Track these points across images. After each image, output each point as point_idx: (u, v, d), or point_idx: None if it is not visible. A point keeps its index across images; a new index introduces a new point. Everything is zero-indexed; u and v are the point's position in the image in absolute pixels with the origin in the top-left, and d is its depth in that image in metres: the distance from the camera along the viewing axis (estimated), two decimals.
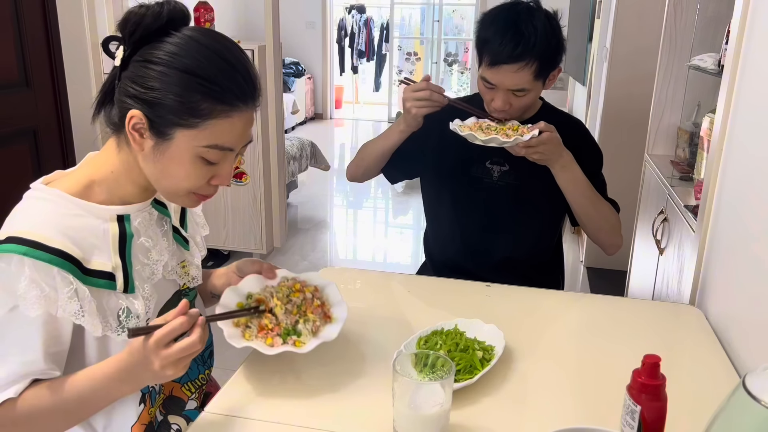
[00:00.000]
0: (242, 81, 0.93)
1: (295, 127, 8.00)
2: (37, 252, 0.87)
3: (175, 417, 1.11)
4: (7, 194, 1.42)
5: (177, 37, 0.92)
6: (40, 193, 0.95)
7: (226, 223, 3.65)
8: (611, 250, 1.57)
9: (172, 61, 0.90)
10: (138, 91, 0.91)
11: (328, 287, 1.16)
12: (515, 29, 1.37)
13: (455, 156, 1.57)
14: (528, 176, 1.53)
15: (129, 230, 0.99)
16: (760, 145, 1.23)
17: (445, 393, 0.87)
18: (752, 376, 0.62)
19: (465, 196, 1.59)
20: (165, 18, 0.92)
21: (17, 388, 0.89)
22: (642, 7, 3.05)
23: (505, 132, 1.40)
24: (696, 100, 2.30)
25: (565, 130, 1.53)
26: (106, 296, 0.95)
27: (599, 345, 1.23)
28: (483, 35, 1.42)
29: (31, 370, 0.90)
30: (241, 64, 0.94)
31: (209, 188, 0.99)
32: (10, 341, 0.89)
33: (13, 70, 2.75)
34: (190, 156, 0.93)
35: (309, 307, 1.09)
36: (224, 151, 0.94)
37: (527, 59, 1.37)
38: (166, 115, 0.90)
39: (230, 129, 0.93)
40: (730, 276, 1.33)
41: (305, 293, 1.11)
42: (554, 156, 1.41)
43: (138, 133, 0.92)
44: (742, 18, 1.40)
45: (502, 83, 1.40)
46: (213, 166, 0.95)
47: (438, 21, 8.88)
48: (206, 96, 0.90)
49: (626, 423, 0.83)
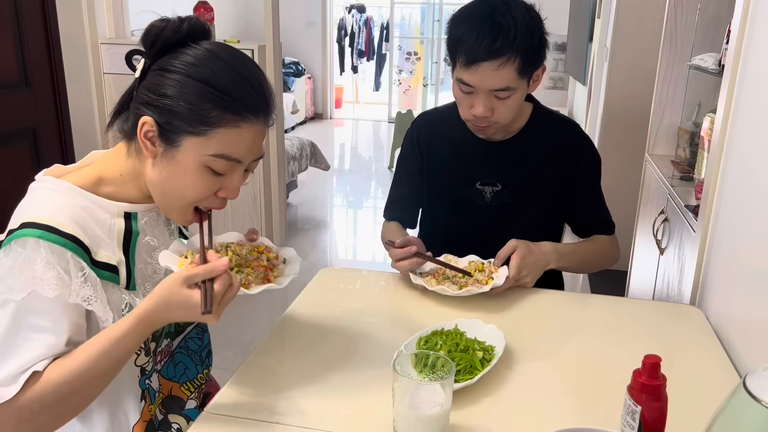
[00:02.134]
0: (254, 93, 0.94)
1: (295, 127, 8.00)
2: (52, 235, 0.88)
3: (175, 416, 1.11)
4: (6, 194, 1.42)
5: (195, 49, 0.94)
6: (49, 184, 0.96)
7: (226, 223, 3.65)
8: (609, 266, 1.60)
9: (188, 70, 0.92)
10: (151, 98, 0.93)
11: (293, 263, 1.11)
12: (492, 21, 1.25)
13: (442, 179, 1.53)
14: (523, 192, 1.48)
15: (135, 228, 1.01)
16: (761, 145, 1.23)
17: (445, 393, 0.87)
18: (752, 376, 0.62)
19: (456, 220, 1.54)
20: (185, 31, 0.94)
21: (45, 363, 0.88)
22: (642, 7, 3.04)
23: (474, 277, 1.33)
24: (696, 100, 2.30)
25: (562, 134, 1.51)
26: (110, 289, 0.96)
27: (599, 345, 1.22)
28: (455, 33, 1.30)
29: (55, 352, 0.89)
30: (254, 78, 0.96)
31: (216, 200, 0.99)
32: (30, 326, 0.88)
33: (12, 70, 2.75)
34: (197, 164, 0.93)
35: (252, 264, 1.06)
36: (232, 162, 0.95)
37: (508, 54, 1.25)
38: (175, 121, 0.92)
39: (239, 140, 0.94)
40: (730, 276, 1.33)
41: (261, 254, 1.09)
42: (540, 264, 1.37)
43: (149, 141, 0.94)
44: (742, 18, 1.40)
45: (482, 84, 1.28)
46: (220, 178, 0.96)
47: (438, 21, 8.88)
48: (216, 105, 0.91)
49: (627, 423, 0.83)
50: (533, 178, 1.49)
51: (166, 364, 1.11)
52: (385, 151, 7.23)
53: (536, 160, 1.48)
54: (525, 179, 1.48)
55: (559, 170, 1.48)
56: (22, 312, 0.87)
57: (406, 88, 9.41)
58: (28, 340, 0.87)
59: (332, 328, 1.25)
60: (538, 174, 1.49)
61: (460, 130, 1.49)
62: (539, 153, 1.48)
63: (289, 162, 4.43)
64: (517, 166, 1.48)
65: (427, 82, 9.26)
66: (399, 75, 9.35)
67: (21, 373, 0.86)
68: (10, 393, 0.86)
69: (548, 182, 1.49)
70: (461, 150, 1.51)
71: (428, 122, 1.60)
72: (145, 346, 1.01)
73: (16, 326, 0.87)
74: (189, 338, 1.17)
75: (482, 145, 1.48)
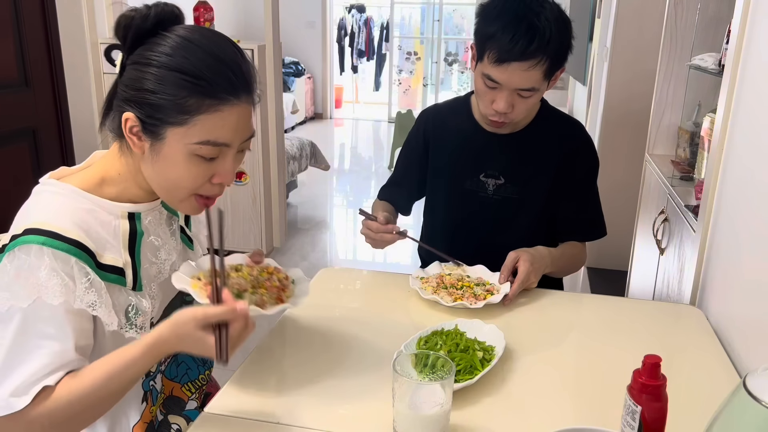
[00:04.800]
0: (230, 74, 0.91)
1: (294, 127, 8.00)
2: (56, 242, 0.87)
3: (175, 417, 1.11)
4: (6, 193, 1.42)
5: (167, 37, 0.92)
6: (52, 188, 0.95)
7: (226, 223, 3.65)
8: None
9: (161, 60, 0.90)
10: (130, 94, 0.91)
11: (302, 283, 1.12)
12: (528, 23, 1.25)
13: (448, 170, 1.54)
14: (526, 187, 1.49)
15: (139, 228, 1.00)
16: (761, 145, 1.23)
17: (445, 393, 0.87)
18: (753, 376, 0.62)
19: (459, 211, 1.54)
20: (153, 19, 0.91)
21: (56, 377, 0.88)
22: (642, 6, 3.04)
23: (472, 290, 1.32)
24: (696, 99, 2.30)
25: (566, 131, 1.53)
26: (116, 291, 0.95)
27: (599, 345, 1.22)
28: (488, 29, 1.29)
29: (63, 360, 0.89)
30: (230, 58, 0.92)
31: (213, 188, 0.97)
32: (38, 333, 0.88)
33: (12, 70, 2.75)
34: (184, 155, 0.92)
35: (264, 285, 1.06)
36: (219, 146, 0.92)
37: (540, 56, 1.26)
38: (155, 114, 0.90)
39: (221, 123, 0.91)
40: (730, 276, 1.33)
41: (272, 275, 1.09)
42: (543, 268, 1.39)
43: (136, 136, 0.92)
44: (742, 18, 1.40)
45: (509, 82, 1.29)
46: (212, 164, 0.94)
47: (438, 20, 8.88)
48: (193, 92, 0.89)
49: (627, 423, 0.83)
50: (535, 174, 1.49)
51: (169, 364, 1.11)
52: (385, 151, 7.23)
53: (539, 156, 1.49)
54: (527, 174, 1.49)
55: (559, 167, 1.49)
56: (29, 319, 0.87)
57: (406, 88, 9.41)
58: (36, 347, 0.87)
59: (332, 329, 1.25)
60: (540, 170, 1.49)
61: (467, 122, 1.52)
62: (543, 149, 1.49)
63: (289, 162, 4.43)
64: (521, 160, 1.49)
65: (427, 82, 9.25)
66: (399, 75, 9.35)
67: (32, 384, 0.86)
68: (20, 404, 0.86)
69: (549, 179, 1.50)
70: (467, 141, 1.52)
71: (436, 113, 1.62)
72: None
73: (24, 334, 0.87)
74: None
75: (488, 137, 1.49)
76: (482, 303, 1.28)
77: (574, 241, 1.57)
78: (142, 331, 0.98)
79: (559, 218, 1.54)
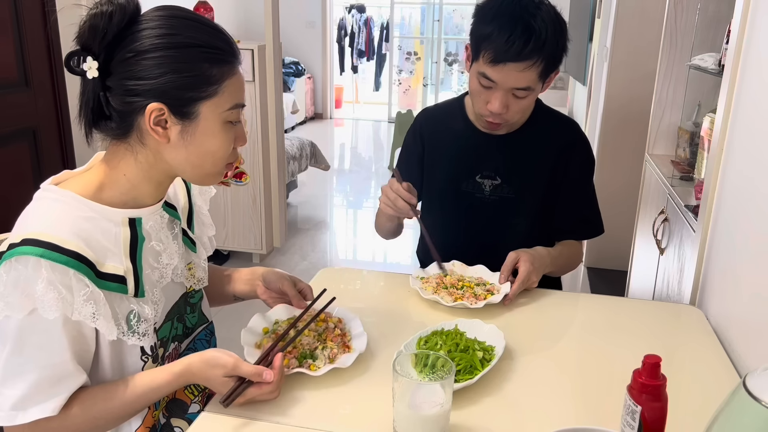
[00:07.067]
0: (225, 39, 0.96)
1: (294, 127, 8.00)
2: (54, 254, 0.86)
3: (177, 420, 1.11)
4: (6, 193, 1.42)
5: (149, 22, 0.91)
6: (52, 194, 0.94)
7: (226, 223, 3.65)
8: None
9: (166, 42, 0.89)
10: (142, 85, 0.89)
11: (353, 321, 1.18)
12: (525, 24, 1.26)
13: (444, 172, 1.54)
14: (523, 188, 1.49)
15: (141, 234, 0.99)
16: (761, 145, 1.23)
17: (445, 393, 0.87)
18: (753, 376, 0.62)
19: (455, 213, 1.54)
20: (132, 8, 0.90)
21: (55, 406, 0.90)
22: (642, 7, 3.04)
23: (472, 290, 1.33)
24: (696, 99, 2.30)
25: (561, 129, 1.53)
26: (117, 300, 0.94)
27: (599, 345, 1.22)
28: (484, 29, 1.30)
29: (61, 371, 0.89)
30: (214, 25, 0.97)
31: (234, 152, 1.01)
32: (34, 345, 0.88)
33: (12, 70, 2.75)
34: (220, 124, 0.95)
35: (330, 335, 1.13)
36: (239, 108, 0.98)
37: (535, 58, 1.27)
38: (185, 94, 0.91)
39: (238, 85, 0.97)
40: (730, 276, 1.33)
41: (328, 323, 1.16)
42: (542, 268, 1.39)
43: (160, 126, 0.92)
44: (742, 18, 1.40)
45: (505, 82, 1.31)
46: (235, 128, 0.99)
47: (438, 20, 8.89)
48: (214, 62, 0.92)
49: (627, 423, 0.83)
50: (531, 174, 1.49)
51: None
52: (385, 151, 7.23)
53: (535, 156, 1.49)
54: (524, 175, 1.49)
55: (555, 166, 1.49)
56: (24, 331, 0.87)
57: (406, 88, 9.41)
58: (31, 360, 0.88)
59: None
60: (537, 170, 1.50)
61: (462, 123, 1.52)
62: (538, 149, 1.49)
63: (289, 162, 4.43)
64: (517, 161, 1.49)
65: (427, 82, 9.26)
66: (399, 75, 9.35)
67: (30, 399, 0.88)
68: (18, 420, 0.88)
69: (545, 178, 1.50)
70: (463, 142, 1.52)
71: (431, 115, 1.62)
72: (153, 353, 1.01)
73: (20, 346, 0.87)
74: (197, 340, 1.16)
75: (483, 138, 1.50)
76: (482, 303, 1.28)
77: (571, 239, 1.57)
78: (145, 338, 0.98)
79: (556, 217, 1.54)
